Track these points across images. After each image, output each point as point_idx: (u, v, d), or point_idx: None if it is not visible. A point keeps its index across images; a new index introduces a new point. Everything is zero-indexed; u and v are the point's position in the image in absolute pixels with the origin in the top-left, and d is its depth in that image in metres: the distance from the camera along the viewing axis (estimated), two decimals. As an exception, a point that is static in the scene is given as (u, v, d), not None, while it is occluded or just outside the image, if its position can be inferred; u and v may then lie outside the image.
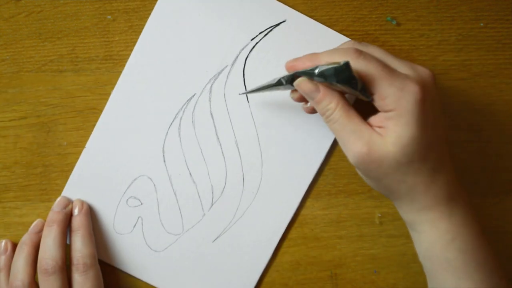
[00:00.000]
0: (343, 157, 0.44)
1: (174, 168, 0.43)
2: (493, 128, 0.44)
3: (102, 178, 0.43)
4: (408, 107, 0.33)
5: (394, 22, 0.43)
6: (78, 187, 0.43)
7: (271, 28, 0.42)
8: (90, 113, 0.44)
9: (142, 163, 0.43)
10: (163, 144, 0.43)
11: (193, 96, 0.43)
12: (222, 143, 0.43)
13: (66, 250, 0.41)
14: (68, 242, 0.42)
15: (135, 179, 0.43)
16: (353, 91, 0.34)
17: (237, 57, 0.43)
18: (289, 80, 0.37)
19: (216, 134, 0.43)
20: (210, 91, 0.43)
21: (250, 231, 0.44)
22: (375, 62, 0.34)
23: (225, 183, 0.43)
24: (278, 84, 0.38)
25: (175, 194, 0.43)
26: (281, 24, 0.43)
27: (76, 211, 0.42)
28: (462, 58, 0.44)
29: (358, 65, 0.34)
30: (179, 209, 0.44)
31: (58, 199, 0.43)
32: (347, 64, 0.33)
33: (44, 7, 0.43)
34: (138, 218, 0.44)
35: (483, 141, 0.44)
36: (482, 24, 0.44)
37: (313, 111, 0.40)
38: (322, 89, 0.35)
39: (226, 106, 0.43)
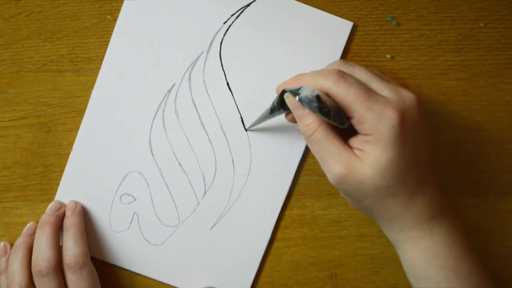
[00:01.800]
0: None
1: (163, 160, 0.43)
2: (493, 128, 0.44)
3: (93, 179, 0.43)
4: (385, 132, 0.34)
5: (394, 22, 0.43)
6: (70, 190, 0.43)
7: (242, 9, 0.43)
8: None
9: (131, 159, 0.43)
10: (149, 138, 0.43)
11: (173, 86, 0.43)
12: (208, 129, 0.43)
13: (60, 251, 0.41)
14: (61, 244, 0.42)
15: (126, 176, 0.43)
16: (326, 119, 0.35)
17: (211, 42, 0.43)
18: (279, 102, 0.37)
19: (201, 121, 0.43)
20: (189, 79, 0.43)
21: (246, 214, 0.44)
22: (356, 86, 0.35)
23: (216, 169, 0.43)
24: (272, 108, 0.38)
25: (167, 186, 0.44)
26: (251, 4, 0.43)
27: (69, 212, 0.42)
28: (462, 58, 0.44)
29: (338, 89, 0.35)
30: (173, 201, 0.44)
31: (51, 203, 0.43)
32: (316, 96, 0.34)
33: (44, 7, 0.43)
34: (134, 214, 0.44)
35: (483, 141, 0.44)
36: (482, 24, 0.44)
37: None
38: (306, 108, 0.35)
39: (207, 92, 0.43)
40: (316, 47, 0.43)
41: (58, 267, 0.40)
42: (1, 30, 0.43)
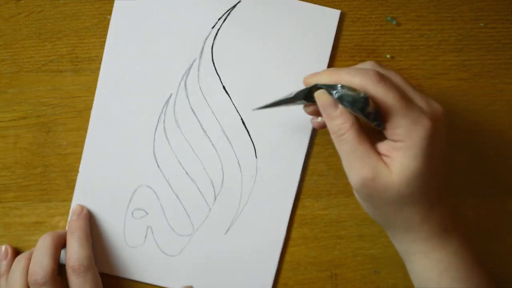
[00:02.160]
0: (343, 157, 0.44)
1: (170, 171, 0.43)
2: (493, 128, 0.44)
3: (103, 198, 0.43)
4: (418, 141, 0.34)
5: (394, 22, 0.43)
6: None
7: (228, 12, 0.42)
8: (90, 113, 0.43)
9: (138, 173, 0.43)
10: (153, 150, 0.43)
11: (170, 96, 0.43)
12: (210, 135, 0.43)
13: (58, 260, 0.41)
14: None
15: (135, 191, 0.43)
16: (366, 120, 0.34)
17: (202, 48, 0.43)
18: (305, 94, 0.36)
19: (202, 128, 0.43)
20: (186, 88, 0.43)
21: (258, 214, 0.44)
22: (394, 91, 0.34)
23: (223, 174, 0.43)
24: (295, 97, 0.37)
25: (177, 196, 0.44)
26: (237, 5, 0.42)
27: (74, 216, 0.42)
28: (462, 58, 0.44)
29: (377, 90, 0.34)
30: (185, 210, 0.44)
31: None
32: (366, 98, 0.33)
33: (44, 7, 0.43)
34: (147, 228, 0.44)
35: (483, 141, 0.44)
36: (482, 24, 0.43)
37: (321, 126, 0.40)
38: (341, 107, 0.34)
39: (205, 98, 0.43)
40: (306, 39, 0.42)
41: (56, 277, 0.40)
42: (1, 30, 0.43)
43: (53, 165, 0.44)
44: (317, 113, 0.38)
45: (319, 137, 0.44)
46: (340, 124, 0.35)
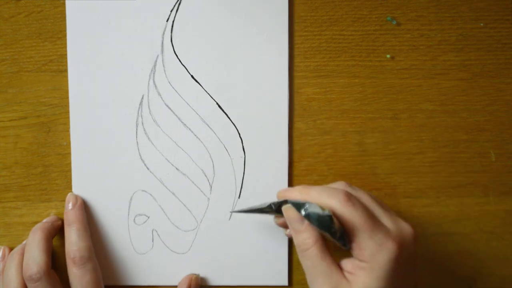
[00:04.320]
0: (343, 157, 0.44)
1: (160, 171, 0.43)
2: (493, 128, 0.44)
3: (101, 212, 0.43)
4: (381, 263, 0.34)
5: (394, 22, 0.43)
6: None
7: (178, 2, 0.42)
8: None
9: (130, 180, 0.43)
10: (139, 154, 0.43)
11: (142, 98, 0.43)
12: (191, 127, 0.43)
13: (51, 253, 0.41)
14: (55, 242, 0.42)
15: (131, 198, 0.43)
16: (331, 238, 0.35)
17: (162, 43, 0.43)
18: (278, 207, 0.38)
19: (182, 122, 0.43)
20: (155, 86, 0.43)
21: (257, 193, 0.44)
22: (361, 211, 0.35)
23: (212, 161, 0.43)
24: (268, 208, 0.39)
25: (173, 194, 0.44)
26: None
27: (70, 206, 0.42)
28: (462, 58, 0.44)
29: (345, 210, 0.35)
30: (184, 206, 0.44)
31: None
32: (330, 216, 0.34)
33: (44, 7, 0.43)
34: (153, 231, 0.44)
35: (483, 141, 0.44)
36: (482, 24, 0.43)
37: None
38: (306, 223, 0.36)
39: (177, 92, 0.43)
40: (261, 12, 0.42)
41: (50, 272, 0.40)
42: (1, 30, 0.43)
43: (53, 165, 0.44)
44: (286, 226, 0.40)
45: (318, 137, 0.44)
46: (304, 239, 0.36)
